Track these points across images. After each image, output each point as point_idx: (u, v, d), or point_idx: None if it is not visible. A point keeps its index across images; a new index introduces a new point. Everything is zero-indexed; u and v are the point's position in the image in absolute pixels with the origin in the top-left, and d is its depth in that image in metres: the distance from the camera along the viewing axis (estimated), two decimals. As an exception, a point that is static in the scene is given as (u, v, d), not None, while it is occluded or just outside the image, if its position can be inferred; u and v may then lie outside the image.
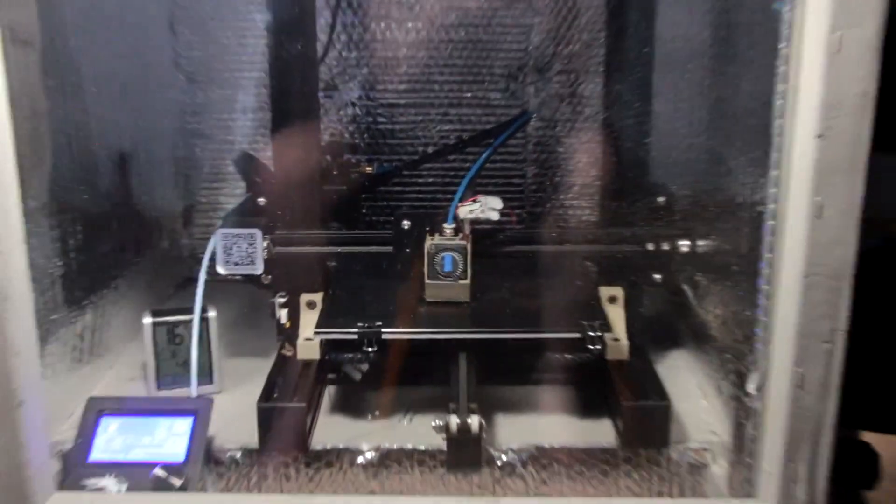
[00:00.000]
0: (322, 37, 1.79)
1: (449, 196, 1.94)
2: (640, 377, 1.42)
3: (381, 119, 2.00)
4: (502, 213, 1.46)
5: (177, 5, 1.97)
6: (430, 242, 1.45)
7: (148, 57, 1.85)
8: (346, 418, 1.45)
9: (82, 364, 1.53)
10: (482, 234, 1.51)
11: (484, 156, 1.60)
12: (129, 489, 1.29)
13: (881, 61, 1.06)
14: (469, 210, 1.45)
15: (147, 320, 1.51)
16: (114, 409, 1.38)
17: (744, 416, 1.27)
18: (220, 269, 1.47)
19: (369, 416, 1.45)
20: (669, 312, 1.72)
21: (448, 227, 1.46)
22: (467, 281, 1.45)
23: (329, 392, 1.52)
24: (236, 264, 1.47)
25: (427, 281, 1.45)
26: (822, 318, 1.14)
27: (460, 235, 1.46)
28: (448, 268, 1.45)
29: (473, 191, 1.51)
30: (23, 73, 1.29)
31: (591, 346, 1.36)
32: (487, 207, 1.45)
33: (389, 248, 1.53)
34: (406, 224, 1.49)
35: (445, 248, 1.45)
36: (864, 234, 1.11)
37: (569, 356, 1.44)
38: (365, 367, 1.50)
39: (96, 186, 1.60)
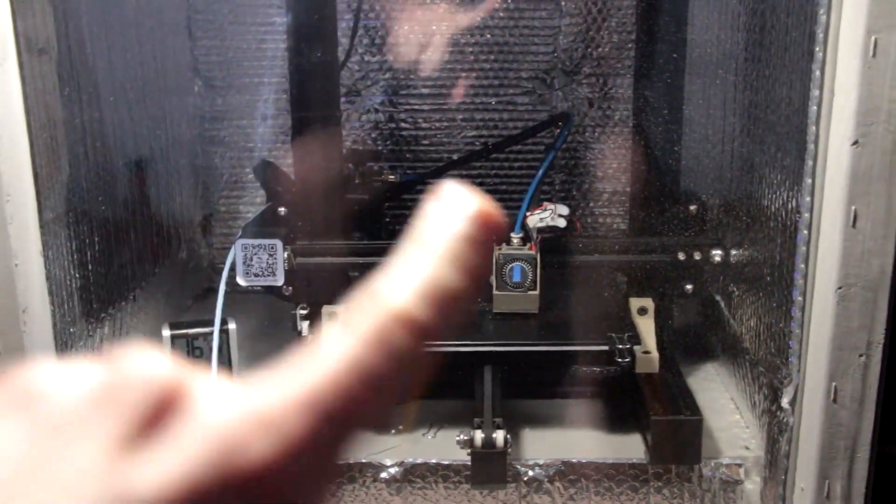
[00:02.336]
0: (344, 41, 1.77)
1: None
2: (671, 391, 1.39)
3: (404, 125, 1.98)
4: (567, 221, 1.44)
5: (194, 10, 1.95)
6: (497, 252, 1.42)
7: (166, 63, 1.83)
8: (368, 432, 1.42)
9: (100, 378, 1.50)
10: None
11: (546, 161, 1.57)
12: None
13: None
14: (539, 218, 1.43)
15: (166, 333, 1.49)
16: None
17: (777, 431, 1.25)
18: (241, 281, 1.45)
19: (392, 430, 1.43)
20: (701, 324, 1.69)
21: (516, 237, 1.44)
22: (536, 291, 1.43)
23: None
24: (256, 275, 1.45)
25: (495, 292, 1.43)
26: (858, 331, 1.12)
27: (528, 245, 1.43)
28: (517, 278, 1.42)
29: (538, 198, 1.49)
30: (39, 81, 1.28)
31: (619, 360, 1.34)
32: (556, 215, 1.43)
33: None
34: None
35: (514, 258, 1.42)
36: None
37: (597, 369, 1.42)
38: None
39: (114, 196, 1.58)
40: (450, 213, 0.35)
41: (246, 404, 0.31)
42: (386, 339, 0.32)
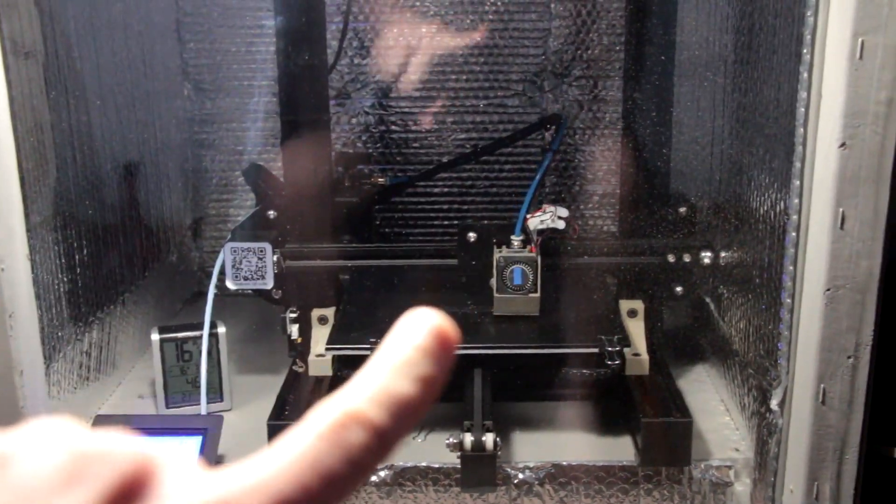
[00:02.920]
0: (333, 44, 1.77)
1: (465, 207, 1.93)
2: (661, 392, 1.39)
3: (394, 128, 1.98)
4: (567, 223, 1.44)
5: (183, 13, 1.95)
6: (498, 255, 1.42)
7: (154, 66, 1.83)
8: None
9: (89, 381, 1.50)
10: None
11: (544, 164, 1.56)
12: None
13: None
14: (540, 220, 1.43)
15: (155, 337, 1.48)
16: (122, 427, 1.36)
17: (767, 432, 1.25)
18: (230, 284, 1.45)
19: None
20: (691, 326, 1.69)
21: (516, 239, 1.43)
22: (537, 294, 1.43)
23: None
24: (246, 279, 1.44)
25: (496, 295, 1.43)
26: (847, 333, 1.12)
27: (529, 247, 1.43)
28: (518, 281, 1.42)
29: (537, 201, 1.49)
30: (25, 85, 1.28)
31: (609, 362, 1.33)
32: (556, 217, 1.43)
33: (403, 262, 1.49)
34: (472, 236, 1.45)
35: (515, 260, 1.42)
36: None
37: (587, 371, 1.42)
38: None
39: (102, 200, 1.58)
40: (415, 329, 0.37)
41: (212, 491, 0.32)
42: (344, 440, 0.34)
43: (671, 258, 1.46)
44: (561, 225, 1.43)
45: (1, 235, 1.19)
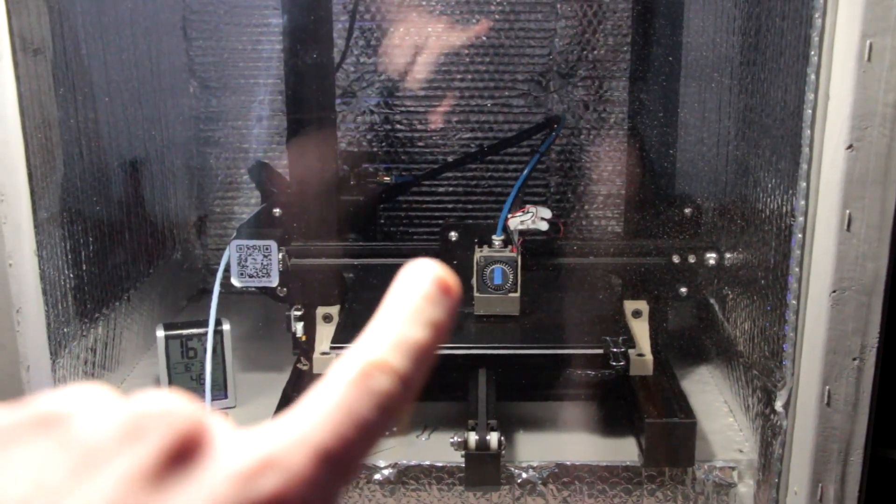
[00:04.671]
0: (339, 42, 1.77)
1: (470, 206, 1.93)
2: (665, 393, 1.39)
3: (399, 127, 1.98)
4: (550, 223, 1.43)
5: (190, 10, 1.95)
6: (479, 254, 1.42)
7: (161, 63, 1.83)
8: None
9: (94, 378, 1.50)
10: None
11: (531, 164, 1.56)
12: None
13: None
14: (520, 221, 1.43)
15: (160, 333, 1.48)
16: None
17: (771, 434, 1.25)
18: (235, 282, 1.45)
19: (386, 432, 1.42)
20: (696, 326, 1.69)
21: (497, 239, 1.44)
22: (517, 294, 1.43)
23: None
24: (251, 276, 1.45)
25: (476, 294, 1.43)
26: (852, 334, 1.12)
27: (510, 247, 1.43)
28: (498, 280, 1.42)
29: (521, 201, 1.49)
30: (34, 81, 1.28)
31: (614, 363, 1.33)
32: (538, 217, 1.43)
33: (409, 261, 1.49)
34: (454, 235, 1.46)
35: (495, 260, 1.42)
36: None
37: (591, 372, 1.42)
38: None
39: (108, 196, 1.58)
40: (418, 279, 0.39)
41: (258, 447, 0.33)
42: (372, 388, 0.36)
43: (676, 259, 1.46)
44: (544, 226, 1.43)
45: (9, 231, 1.20)
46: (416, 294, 0.39)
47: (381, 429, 0.35)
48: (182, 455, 0.32)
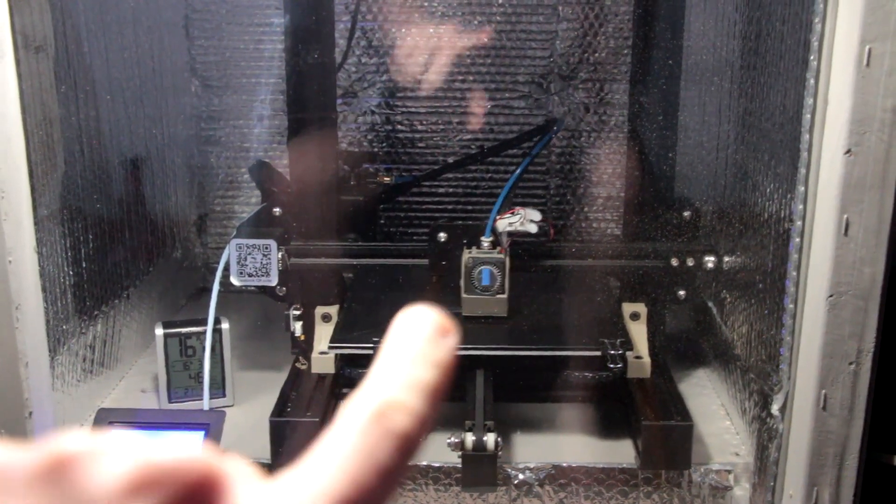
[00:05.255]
0: (341, 42, 1.77)
1: (470, 207, 1.93)
2: (663, 396, 1.39)
3: (400, 127, 1.98)
4: (539, 226, 1.43)
5: (192, 9, 1.95)
6: (467, 256, 1.42)
7: (162, 62, 1.83)
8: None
9: (93, 375, 1.51)
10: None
11: (521, 167, 1.57)
12: None
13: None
14: (508, 223, 1.43)
15: (159, 331, 1.49)
16: (124, 421, 1.36)
17: (767, 437, 1.25)
18: (234, 281, 1.45)
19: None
20: (693, 329, 1.70)
21: (486, 240, 1.44)
22: (505, 295, 1.43)
23: (343, 407, 1.50)
24: (250, 275, 1.45)
25: (464, 295, 1.43)
26: (849, 339, 1.12)
27: (498, 248, 1.43)
28: (486, 282, 1.42)
29: (511, 202, 1.49)
30: (35, 79, 1.28)
31: (611, 366, 1.34)
32: (526, 220, 1.43)
33: (408, 261, 1.49)
34: (442, 237, 1.46)
35: (483, 261, 1.42)
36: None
37: (589, 374, 1.42)
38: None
39: (109, 194, 1.58)
40: (418, 325, 0.39)
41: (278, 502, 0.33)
42: (390, 429, 0.35)
43: (674, 262, 1.46)
44: (533, 228, 1.43)
45: (9, 228, 1.20)
46: (419, 337, 0.38)
47: (401, 472, 0.35)
48: None
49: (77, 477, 0.31)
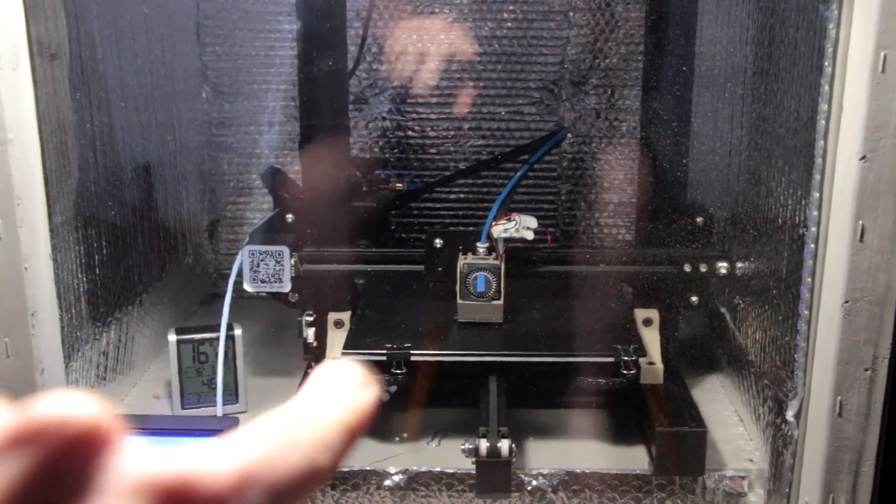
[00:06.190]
0: (353, 49, 1.77)
1: (481, 213, 1.93)
2: (676, 402, 1.39)
3: (412, 133, 1.98)
4: (537, 233, 1.43)
5: (204, 16, 1.96)
6: (462, 262, 1.42)
7: (174, 68, 1.83)
8: (372, 440, 1.42)
9: (106, 381, 1.51)
10: (513, 253, 1.49)
11: (518, 174, 1.57)
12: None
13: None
14: (503, 229, 1.43)
15: (172, 338, 1.49)
16: (137, 427, 1.36)
17: (782, 444, 1.25)
18: (247, 287, 1.45)
19: (397, 438, 1.43)
20: (706, 336, 1.69)
21: (481, 247, 1.44)
22: (500, 301, 1.43)
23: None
24: (263, 282, 1.45)
25: (459, 301, 1.43)
26: (864, 345, 1.12)
27: (494, 255, 1.43)
28: (481, 288, 1.42)
29: (507, 209, 1.49)
30: (50, 86, 1.28)
31: (625, 372, 1.34)
32: (522, 227, 1.43)
33: (420, 267, 1.49)
34: (438, 243, 1.46)
35: (478, 267, 1.42)
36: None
37: (602, 380, 1.42)
38: (393, 388, 1.47)
39: (122, 200, 1.58)
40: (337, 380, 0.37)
41: (170, 462, 0.30)
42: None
43: (687, 268, 1.46)
44: (529, 235, 1.43)
45: (25, 235, 1.20)
46: (336, 396, 0.37)
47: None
48: (66, 472, 0.28)
49: None
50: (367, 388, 0.37)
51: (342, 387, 0.37)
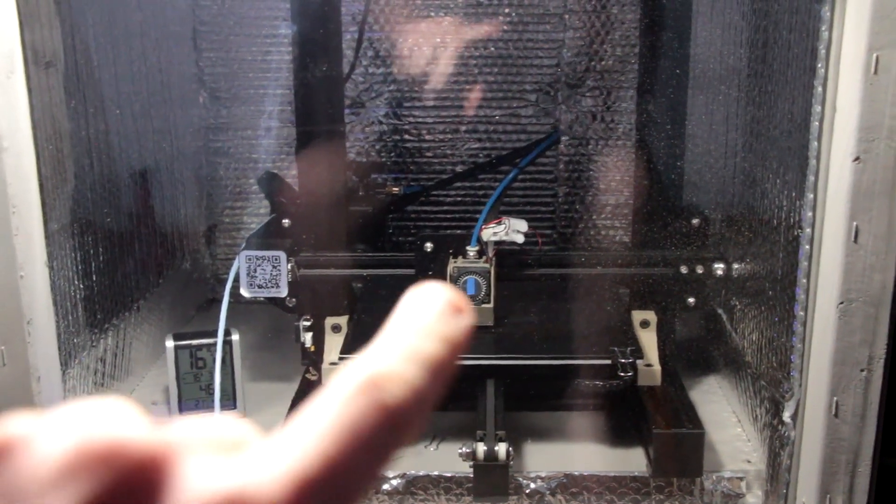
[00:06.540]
0: (348, 53, 1.77)
1: (478, 217, 1.93)
2: (673, 404, 1.39)
3: (408, 137, 1.98)
4: (527, 236, 1.43)
5: (200, 21, 1.96)
6: (452, 265, 1.43)
7: (171, 74, 1.83)
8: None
9: (104, 388, 1.51)
10: (511, 255, 1.49)
11: (509, 178, 1.57)
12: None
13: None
14: (493, 232, 1.43)
15: (170, 343, 1.49)
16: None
17: (779, 444, 1.25)
18: (244, 292, 1.45)
19: (395, 456, 1.42)
20: (703, 337, 1.70)
21: (471, 250, 1.44)
22: (490, 305, 1.43)
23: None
24: (260, 287, 1.45)
25: None
26: (860, 346, 1.12)
27: (484, 258, 1.43)
28: (471, 291, 1.42)
29: (498, 212, 1.49)
30: (45, 94, 1.29)
31: (622, 374, 1.34)
32: (512, 230, 1.43)
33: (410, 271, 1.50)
34: (429, 246, 1.46)
35: (468, 271, 1.42)
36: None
37: (599, 382, 1.42)
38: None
39: (119, 207, 1.58)
40: (429, 299, 0.35)
41: (228, 480, 0.29)
42: (380, 401, 0.31)
43: (684, 270, 1.46)
44: (519, 238, 1.43)
45: (20, 243, 1.20)
46: (427, 311, 0.35)
47: (388, 451, 0.31)
48: (132, 494, 0.28)
49: (10, 465, 0.28)
50: (459, 315, 0.35)
51: (429, 318, 0.35)
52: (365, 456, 0.30)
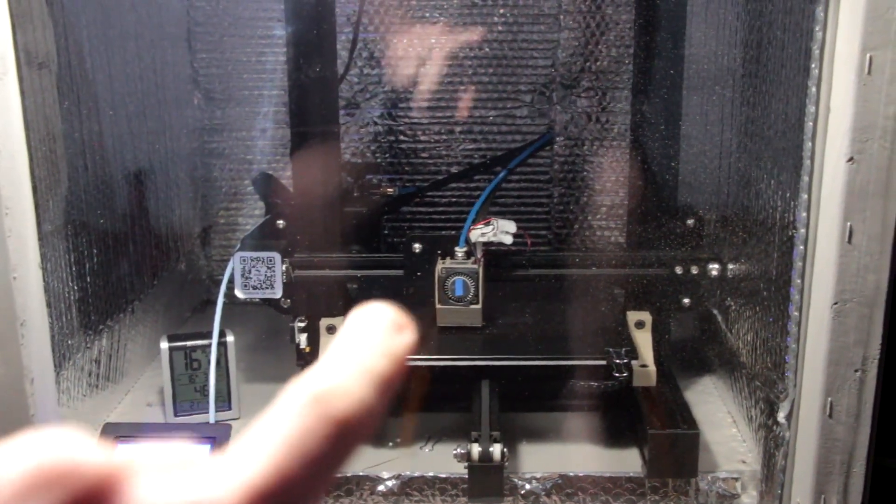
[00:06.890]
0: (343, 54, 1.77)
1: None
2: (669, 404, 1.39)
3: (403, 138, 1.98)
4: (516, 237, 1.43)
5: (195, 22, 1.96)
6: (440, 266, 1.42)
7: (165, 75, 1.83)
8: (365, 445, 1.42)
9: (98, 389, 1.51)
10: (505, 257, 1.49)
11: (497, 178, 1.57)
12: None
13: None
14: (481, 233, 1.43)
15: (164, 345, 1.49)
16: (130, 435, 1.36)
17: (774, 445, 1.25)
18: (239, 293, 1.45)
19: (390, 444, 1.43)
20: (698, 337, 1.70)
21: (460, 251, 1.44)
22: (479, 306, 1.43)
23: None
24: (255, 288, 1.45)
25: (438, 305, 1.43)
26: (854, 346, 1.12)
27: (472, 259, 1.43)
28: (459, 292, 1.42)
29: (487, 212, 1.49)
30: (38, 95, 1.28)
31: (617, 374, 1.34)
32: (500, 231, 1.43)
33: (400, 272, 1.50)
34: (417, 247, 1.46)
35: (456, 272, 1.42)
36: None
37: (594, 383, 1.42)
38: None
39: (113, 208, 1.58)
40: (370, 327, 0.37)
41: (182, 496, 0.30)
42: (328, 415, 0.32)
43: (679, 270, 1.46)
44: (507, 239, 1.43)
45: (13, 244, 1.20)
46: (371, 329, 0.36)
47: (337, 462, 0.32)
48: None
49: None
50: (402, 332, 0.37)
51: (373, 335, 0.36)
52: (315, 467, 0.32)
